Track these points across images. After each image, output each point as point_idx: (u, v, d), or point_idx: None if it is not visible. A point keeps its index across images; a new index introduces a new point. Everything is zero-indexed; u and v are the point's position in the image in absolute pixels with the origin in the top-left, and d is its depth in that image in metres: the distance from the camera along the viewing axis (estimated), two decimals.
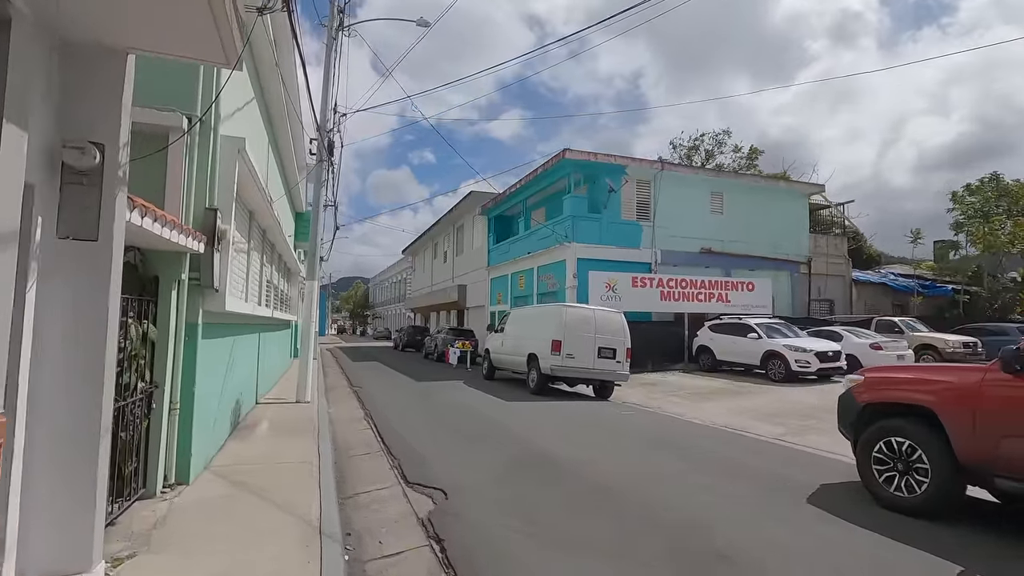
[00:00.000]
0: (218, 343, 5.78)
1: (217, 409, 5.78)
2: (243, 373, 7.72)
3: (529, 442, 6.96)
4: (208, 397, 5.27)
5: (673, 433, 8.02)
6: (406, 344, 30.96)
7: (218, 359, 5.80)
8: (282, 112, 9.63)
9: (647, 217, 18.63)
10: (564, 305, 11.73)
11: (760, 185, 19.90)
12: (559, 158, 17.23)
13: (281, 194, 10.05)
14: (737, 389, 12.72)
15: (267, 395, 10.38)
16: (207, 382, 5.20)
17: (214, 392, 5.62)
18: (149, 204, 3.53)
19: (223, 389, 6.10)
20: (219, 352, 5.86)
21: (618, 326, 11.68)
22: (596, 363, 11.25)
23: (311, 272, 9.77)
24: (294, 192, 15.10)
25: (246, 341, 7.90)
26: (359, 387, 12.84)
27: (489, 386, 13.24)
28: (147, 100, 4.51)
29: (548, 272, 18.90)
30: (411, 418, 8.79)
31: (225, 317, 5.98)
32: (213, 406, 5.58)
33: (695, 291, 17.71)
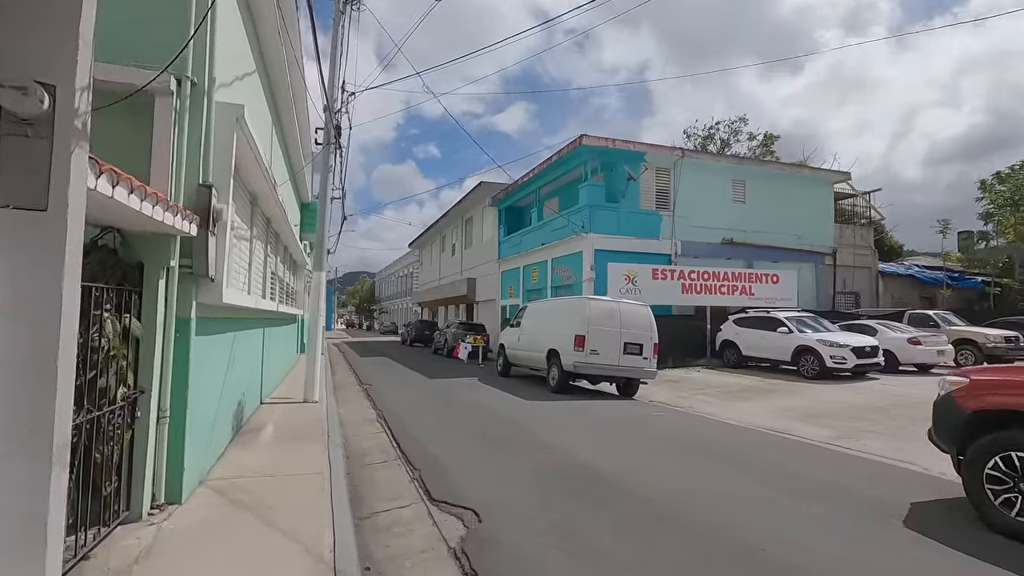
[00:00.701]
0: (216, 340, 5.14)
1: (215, 414, 5.15)
2: (246, 372, 7.11)
3: (560, 449, 6.30)
4: (204, 401, 4.64)
5: (714, 437, 7.34)
6: (414, 339, 30.40)
7: (216, 357, 5.17)
8: (287, 91, 8.97)
9: (667, 207, 17.87)
10: (587, 298, 11.04)
11: (784, 172, 19.07)
12: (575, 144, 16.48)
13: (285, 179, 9.42)
14: (769, 387, 12.01)
15: (273, 394, 9.79)
16: (203, 384, 4.56)
17: (211, 395, 4.99)
18: (123, 173, 2.87)
19: (223, 391, 5.47)
20: (217, 350, 5.23)
21: (644, 320, 10.99)
22: (622, 359, 10.57)
23: (318, 263, 9.13)
24: (300, 180, 14.47)
25: (249, 337, 7.28)
26: (369, 385, 12.23)
27: (505, 384, 12.60)
28: (129, 59, 3.86)
29: (563, 264, 18.20)
30: (427, 420, 8.15)
31: (224, 311, 5.34)
32: (210, 411, 4.95)
33: (717, 283, 16.97)
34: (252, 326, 7.55)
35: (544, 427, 7.61)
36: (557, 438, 6.86)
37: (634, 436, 7.25)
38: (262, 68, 7.41)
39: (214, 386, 5.09)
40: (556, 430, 7.43)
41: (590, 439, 6.93)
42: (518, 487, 4.82)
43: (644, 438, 7.11)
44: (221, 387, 5.42)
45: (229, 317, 5.65)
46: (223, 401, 5.49)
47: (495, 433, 7.22)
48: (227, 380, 5.70)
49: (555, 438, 6.87)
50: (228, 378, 5.76)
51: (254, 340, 7.81)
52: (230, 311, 5.64)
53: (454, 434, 7.18)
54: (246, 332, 7.02)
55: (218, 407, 5.26)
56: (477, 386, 12.20)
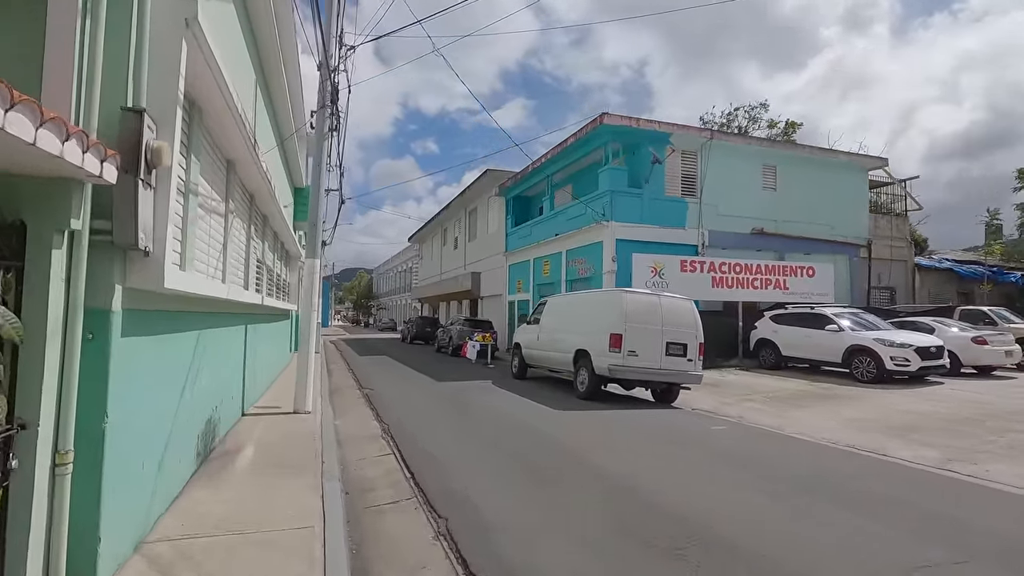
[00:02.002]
0: (165, 341, 3.71)
1: (164, 444, 3.73)
2: (220, 379, 5.68)
3: (625, 484, 4.90)
4: (139, 431, 3.21)
5: (797, 460, 5.95)
6: (415, 336, 28.97)
7: (165, 366, 3.74)
8: (275, 52, 7.52)
9: (693, 193, 16.45)
10: (624, 291, 9.60)
11: (817, 157, 17.66)
12: (596, 124, 15.03)
13: (272, 146, 7.96)
14: (823, 392, 10.64)
15: (259, 402, 8.36)
16: (137, 406, 3.15)
17: (156, 419, 3.57)
18: None
19: (179, 410, 4.04)
20: (167, 354, 3.80)
21: (688, 316, 9.59)
22: (663, 362, 9.17)
23: (311, 248, 7.70)
24: (292, 162, 13.01)
25: (225, 336, 5.85)
26: (370, 389, 10.81)
27: (523, 388, 11.20)
28: None
29: (580, 256, 16.78)
30: (442, 436, 6.74)
31: (180, 302, 3.92)
32: (154, 443, 3.52)
33: (750, 277, 15.58)
34: (230, 322, 6.13)
35: (590, 447, 6.21)
36: (613, 464, 5.46)
37: (705, 461, 5.85)
38: (243, 16, 5.94)
39: (161, 406, 3.66)
40: (607, 452, 6.03)
41: (653, 465, 5.53)
42: (594, 553, 3.41)
43: (718, 464, 5.71)
44: (176, 405, 3.99)
45: (189, 311, 4.23)
46: (180, 423, 4.06)
47: (533, 455, 5.81)
48: (188, 394, 4.28)
49: (611, 464, 5.47)
50: (190, 391, 4.34)
51: (232, 340, 6.39)
52: (190, 303, 4.22)
53: (480, 457, 5.76)
54: (220, 331, 5.60)
55: (170, 434, 3.84)
56: (492, 391, 10.79)
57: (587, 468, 5.30)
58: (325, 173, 8.03)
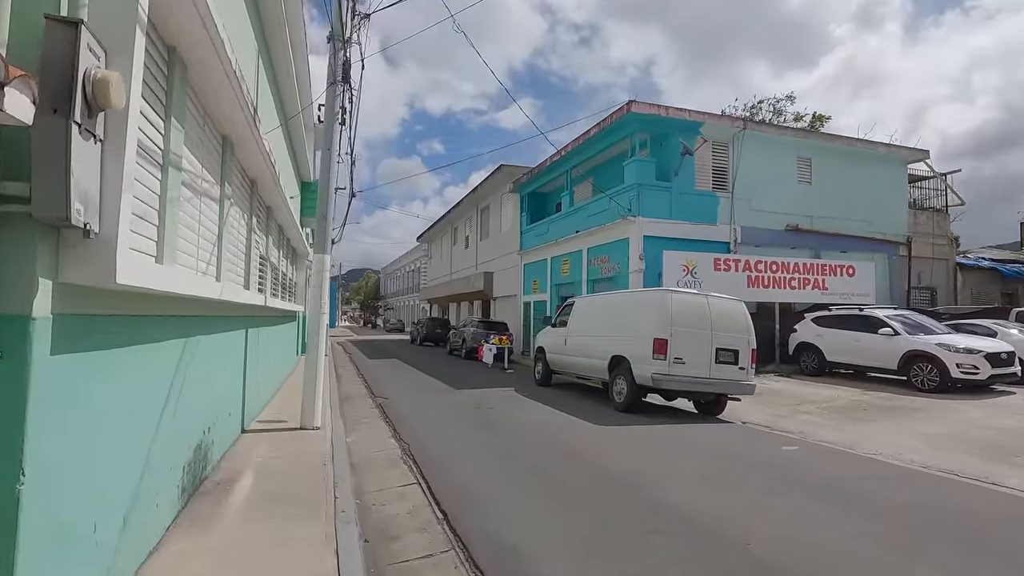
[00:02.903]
0: (132, 356, 2.80)
1: (131, 491, 2.82)
2: (214, 395, 4.79)
3: (712, 526, 3.95)
4: (84, 483, 2.30)
5: (901, 492, 4.97)
6: (425, 338, 28.10)
7: (134, 387, 2.83)
8: (278, 14, 6.64)
9: (724, 187, 15.44)
10: (668, 290, 8.61)
11: (855, 149, 16.59)
12: (623, 112, 14.06)
13: (276, 125, 7.09)
14: (883, 403, 9.62)
15: (262, 415, 7.48)
16: (81, 448, 2.24)
17: (116, 460, 2.65)
18: None
19: (154, 441, 3.14)
20: (137, 372, 2.89)
21: (740, 319, 8.62)
22: (713, 370, 8.20)
23: (321, 241, 6.80)
24: (297, 150, 12.15)
25: (219, 344, 4.96)
26: (384, 398, 9.90)
27: (551, 397, 10.25)
28: None
29: (603, 254, 15.81)
30: (474, 460, 5.81)
31: (160, 304, 3.02)
32: (112, 493, 2.61)
33: (787, 276, 14.56)
34: (226, 327, 5.24)
35: (655, 477, 5.26)
36: (691, 502, 4.50)
37: (796, 496, 4.88)
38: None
39: (126, 442, 2.75)
40: (678, 485, 5.08)
41: (740, 503, 4.57)
42: None
43: (814, 501, 4.74)
44: (150, 437, 3.09)
45: (170, 315, 3.33)
46: (156, 459, 3.16)
47: (586, 488, 4.87)
48: (168, 421, 3.38)
49: (688, 502, 4.51)
50: (171, 417, 3.44)
51: (230, 348, 5.50)
52: (172, 304, 3.32)
53: (524, 490, 4.82)
54: (214, 338, 4.71)
55: (141, 476, 2.93)
56: (518, 401, 9.85)
57: (661, 509, 4.35)
58: (335, 161, 7.13)
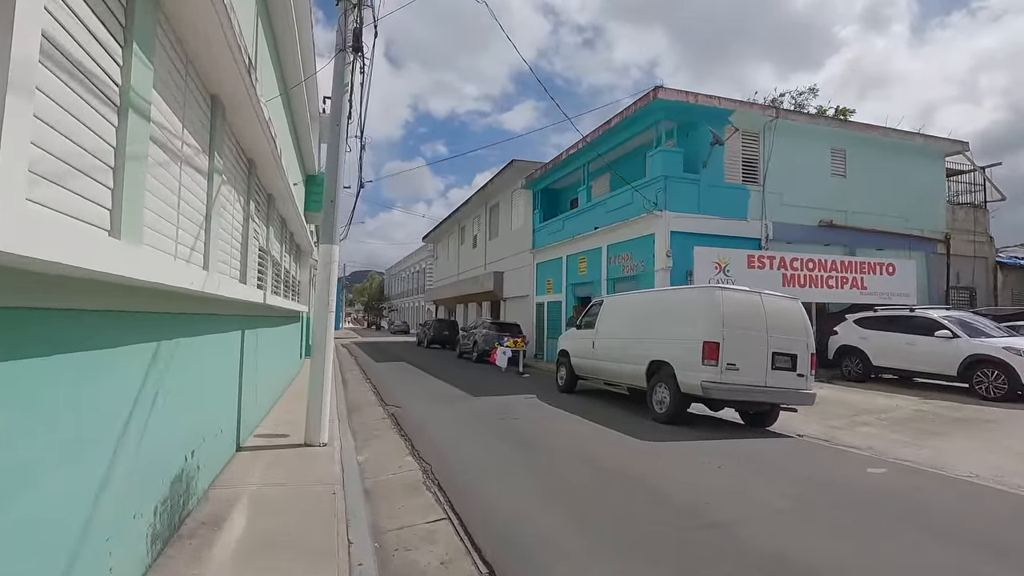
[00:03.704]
0: (68, 369, 1.89)
1: (65, 559, 1.92)
2: (199, 411, 3.90)
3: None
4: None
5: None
6: (432, 340, 27.21)
7: (67, 416, 1.93)
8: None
9: (755, 180, 14.51)
10: (718, 287, 7.68)
11: (891, 140, 15.64)
12: (649, 99, 13.15)
13: (275, 93, 6.22)
14: (950, 414, 8.68)
15: (261, 427, 6.59)
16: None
17: (35, 530, 1.75)
18: None
19: (106, 485, 2.25)
20: (76, 394, 1.99)
21: (798, 320, 7.68)
22: (769, 377, 7.27)
23: (328, 230, 5.90)
24: (302, 139, 11.29)
25: (208, 348, 4.07)
26: (396, 407, 9.00)
27: (579, 405, 9.34)
28: None
29: (625, 251, 14.90)
30: (512, 487, 4.89)
31: (114, 296, 2.14)
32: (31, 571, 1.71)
33: (824, 274, 13.62)
34: (218, 327, 4.35)
35: (725, 508, 4.34)
36: (789, 546, 3.57)
37: (929, 541, 3.95)
38: None
39: (50, 501, 1.85)
40: (755, 519, 4.15)
41: (847, 550, 3.65)
42: None
43: (949, 544, 3.81)
44: (101, 481, 2.20)
45: (132, 311, 2.44)
46: (105, 513, 2.26)
47: (657, 528, 3.95)
48: (129, 451, 2.49)
49: (786, 546, 3.59)
50: (133, 446, 2.55)
51: (222, 351, 4.61)
52: (136, 296, 2.44)
53: (582, 529, 3.90)
54: (201, 340, 3.82)
55: (80, 545, 2.04)
56: (545, 409, 8.93)
57: (759, 560, 3.43)
58: (344, 139, 6.25)
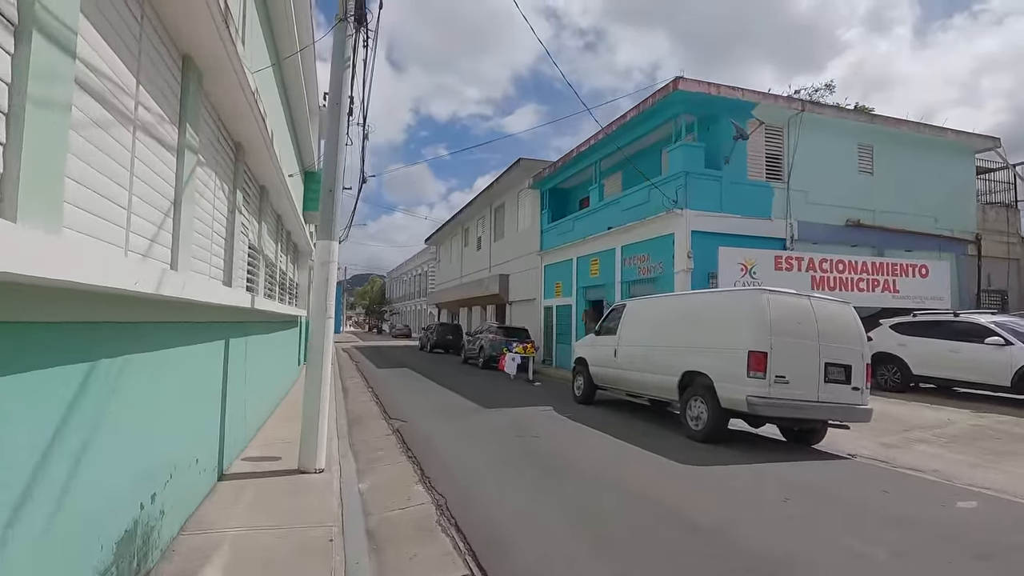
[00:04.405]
0: None
1: None
2: (162, 441, 3.11)
3: None
4: None
5: None
6: (435, 344, 26.46)
7: None
8: None
9: (778, 177, 13.74)
10: (763, 290, 6.87)
11: (921, 136, 14.87)
12: (669, 91, 12.40)
13: (267, 64, 5.46)
14: (1014, 429, 7.88)
15: (252, 445, 5.81)
16: None
17: None
18: None
19: None
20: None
21: (851, 326, 6.91)
22: (822, 390, 6.48)
23: (327, 224, 5.13)
24: (300, 132, 10.55)
25: (174, 363, 3.29)
26: (401, 420, 8.20)
27: (601, 419, 8.54)
28: None
29: (641, 252, 14.12)
30: (545, 524, 4.09)
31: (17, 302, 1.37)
32: None
33: (854, 277, 12.85)
34: (192, 338, 3.58)
35: (812, 560, 3.54)
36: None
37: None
38: None
39: None
40: None
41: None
42: None
43: None
44: None
45: (53, 321, 1.68)
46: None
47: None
48: (39, 518, 1.72)
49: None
50: (46, 510, 1.78)
51: (198, 366, 3.83)
52: (75, 304, 1.67)
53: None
54: (164, 355, 3.05)
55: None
56: (565, 424, 8.12)
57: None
58: (345, 119, 5.49)
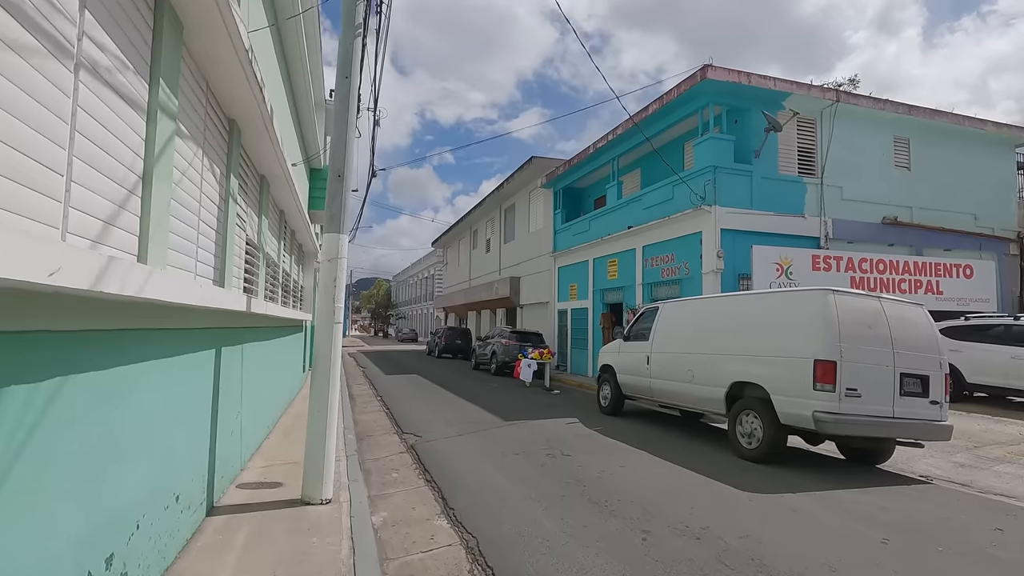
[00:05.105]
0: None
1: None
2: (138, 482, 2.37)
3: None
4: None
5: None
6: (444, 349, 25.70)
7: None
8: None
9: (811, 172, 12.95)
10: (830, 290, 6.06)
11: (961, 128, 14.07)
12: (696, 80, 11.64)
13: (264, 24, 4.76)
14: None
15: (250, 467, 5.07)
16: None
17: None
18: None
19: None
20: None
21: (927, 332, 6.09)
22: (898, 405, 5.69)
23: (335, 215, 4.40)
24: (305, 125, 9.87)
25: (151, 379, 2.55)
26: (416, 435, 7.46)
27: (636, 434, 7.76)
28: None
29: (664, 252, 13.34)
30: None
31: None
32: None
33: (896, 277, 12.03)
34: (173, 348, 2.85)
35: None
36: None
37: None
38: None
39: None
40: None
41: None
42: None
43: None
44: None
45: None
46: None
47: None
48: None
49: None
50: None
51: (182, 381, 3.10)
52: None
53: None
54: (137, 371, 2.31)
55: None
56: (598, 440, 7.34)
57: None
58: (356, 86, 4.78)
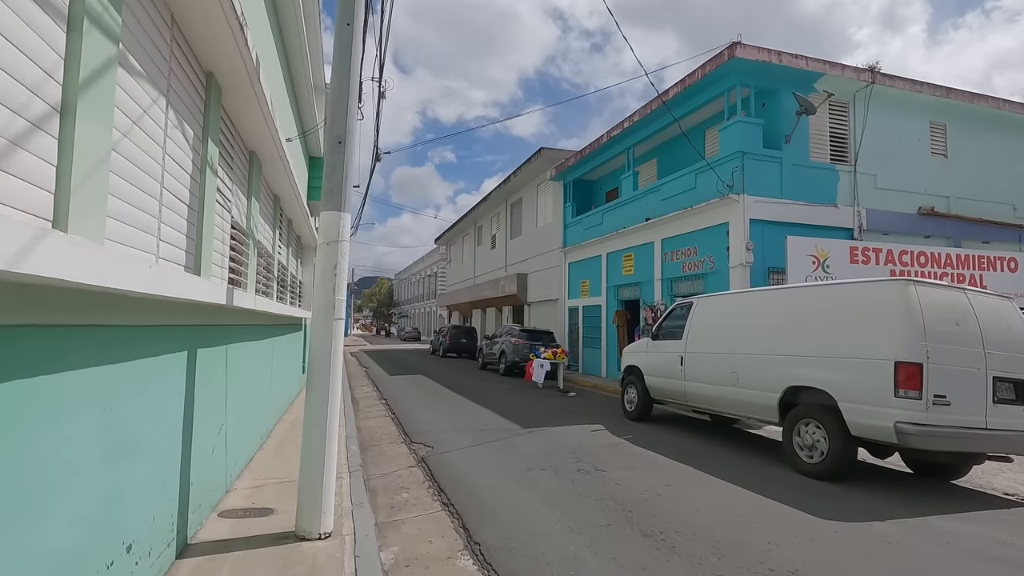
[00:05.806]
0: None
1: None
2: (69, 530, 1.61)
3: None
4: None
5: None
6: (448, 348, 24.98)
7: None
8: None
9: (844, 159, 12.15)
10: (911, 282, 5.25)
11: (1001, 112, 13.25)
12: (724, 59, 10.83)
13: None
14: None
15: (233, 495, 4.29)
16: None
17: None
18: None
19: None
20: None
21: (1020, 330, 5.31)
22: (991, 414, 4.91)
23: (335, 187, 3.63)
24: (303, 106, 9.09)
25: (84, 393, 1.78)
26: (427, 446, 6.68)
27: (668, 442, 6.99)
28: None
29: (685, 245, 12.56)
30: None
31: None
32: None
33: (938, 270, 11.21)
34: (125, 351, 2.07)
35: None
36: None
37: None
38: None
39: None
40: None
41: None
42: None
43: None
44: None
45: None
46: None
47: None
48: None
49: None
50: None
51: (147, 390, 2.33)
52: None
53: None
54: (68, 380, 1.54)
55: None
56: (629, 451, 6.56)
57: None
58: (359, 45, 4.01)
